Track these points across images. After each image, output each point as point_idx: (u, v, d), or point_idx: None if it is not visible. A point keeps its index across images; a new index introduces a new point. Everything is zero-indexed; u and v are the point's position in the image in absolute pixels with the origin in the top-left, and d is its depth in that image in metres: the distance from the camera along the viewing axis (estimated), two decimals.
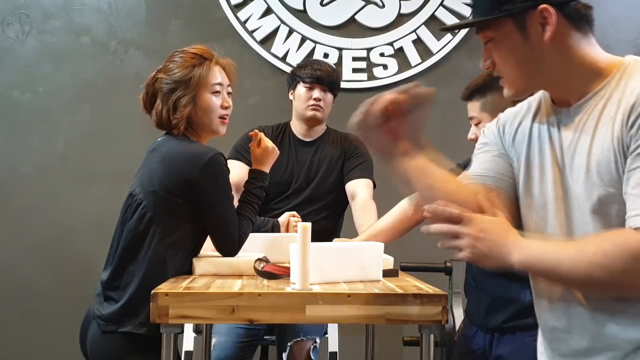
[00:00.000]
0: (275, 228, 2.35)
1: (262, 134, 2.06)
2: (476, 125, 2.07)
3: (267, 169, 2.03)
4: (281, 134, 2.71)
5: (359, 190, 2.59)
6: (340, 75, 3.46)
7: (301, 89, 2.65)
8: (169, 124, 1.88)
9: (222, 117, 1.93)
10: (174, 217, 1.80)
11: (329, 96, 2.67)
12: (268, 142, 2.04)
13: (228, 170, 1.87)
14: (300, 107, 2.66)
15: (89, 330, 1.80)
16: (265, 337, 2.59)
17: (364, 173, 2.64)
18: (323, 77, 2.63)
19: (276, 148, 2.06)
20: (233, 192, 1.92)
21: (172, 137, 1.90)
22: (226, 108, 1.94)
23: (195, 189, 1.79)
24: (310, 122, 2.68)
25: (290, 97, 2.72)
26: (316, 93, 2.63)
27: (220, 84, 1.92)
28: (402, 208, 2.25)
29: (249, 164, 2.41)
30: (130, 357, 1.73)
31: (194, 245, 1.87)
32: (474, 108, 2.08)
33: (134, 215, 1.81)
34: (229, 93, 1.96)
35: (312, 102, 2.62)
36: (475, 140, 2.00)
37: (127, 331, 1.72)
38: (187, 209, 1.81)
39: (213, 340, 2.48)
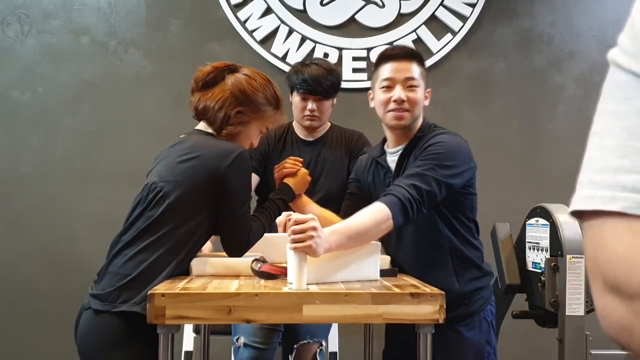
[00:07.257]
0: (273, 227, 2.35)
1: (300, 166, 2.18)
2: (409, 88, 1.98)
3: (298, 192, 2.15)
4: (284, 135, 2.67)
5: None
6: (340, 75, 3.44)
7: (296, 97, 2.58)
8: (217, 125, 1.92)
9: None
10: (191, 207, 1.82)
11: (326, 103, 2.58)
12: (304, 174, 2.17)
13: (251, 169, 1.92)
14: (297, 116, 2.62)
15: (81, 320, 1.78)
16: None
17: None
18: (315, 88, 2.52)
19: (307, 175, 2.18)
20: None
21: (198, 133, 1.94)
22: (251, 147, 2.03)
23: (219, 182, 1.81)
24: (308, 130, 2.64)
25: (290, 99, 2.68)
26: (310, 104, 2.55)
27: (265, 130, 2.04)
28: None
29: (256, 172, 2.49)
30: (123, 342, 1.71)
31: (202, 240, 1.87)
32: (414, 70, 2.00)
33: (152, 203, 1.81)
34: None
35: (307, 112, 2.56)
36: (404, 101, 1.96)
37: (123, 310, 1.70)
38: (204, 202, 1.83)
39: (239, 341, 2.44)
